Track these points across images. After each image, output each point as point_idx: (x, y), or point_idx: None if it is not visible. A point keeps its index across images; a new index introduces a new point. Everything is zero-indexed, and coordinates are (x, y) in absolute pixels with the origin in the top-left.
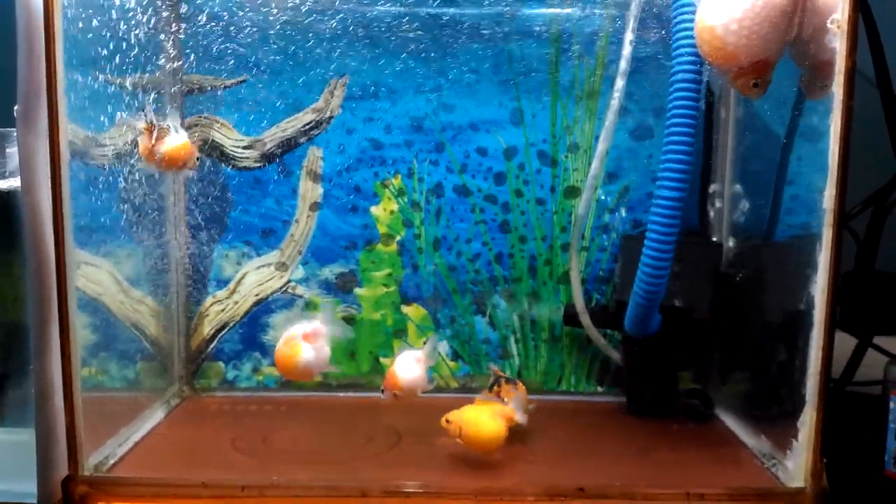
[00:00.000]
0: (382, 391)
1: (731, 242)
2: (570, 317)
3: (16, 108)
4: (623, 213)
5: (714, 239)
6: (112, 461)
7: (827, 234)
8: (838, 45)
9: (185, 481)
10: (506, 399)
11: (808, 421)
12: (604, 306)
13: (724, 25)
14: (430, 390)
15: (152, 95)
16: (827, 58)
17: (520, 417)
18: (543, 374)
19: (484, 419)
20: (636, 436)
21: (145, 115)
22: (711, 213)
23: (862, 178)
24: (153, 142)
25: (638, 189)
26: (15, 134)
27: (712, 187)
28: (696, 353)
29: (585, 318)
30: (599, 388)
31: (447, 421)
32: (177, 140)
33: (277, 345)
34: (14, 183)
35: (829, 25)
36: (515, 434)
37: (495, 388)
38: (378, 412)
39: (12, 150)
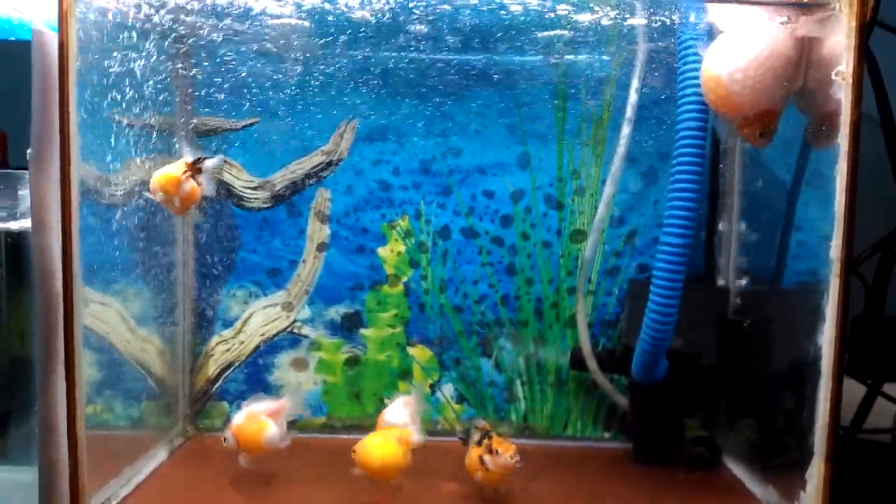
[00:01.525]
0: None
1: (737, 288)
2: (577, 361)
3: (28, 151)
4: (631, 257)
5: (721, 284)
6: (114, 502)
7: (834, 284)
8: (843, 96)
9: None
10: (500, 451)
11: (816, 473)
12: (610, 351)
13: (730, 75)
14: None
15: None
16: (832, 108)
17: (416, 437)
18: (549, 418)
19: (376, 444)
20: (642, 483)
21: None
22: (718, 259)
23: (870, 223)
24: (184, 177)
25: (645, 234)
26: (27, 176)
27: (721, 225)
28: (703, 400)
29: (592, 363)
30: (606, 434)
31: (353, 451)
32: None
33: (237, 419)
34: (25, 224)
35: (833, 77)
36: (519, 481)
37: (485, 441)
38: None
39: (24, 192)
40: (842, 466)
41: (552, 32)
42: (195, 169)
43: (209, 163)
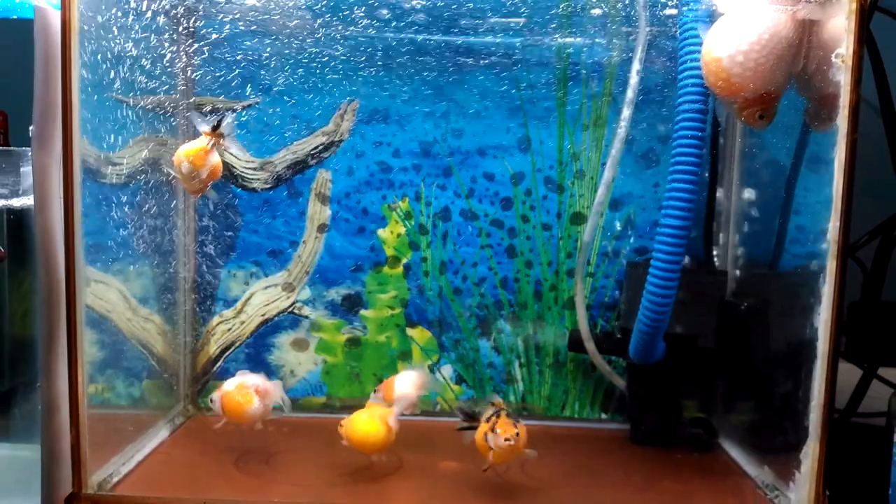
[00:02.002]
0: (375, 391)
1: (736, 271)
2: (575, 343)
3: (31, 128)
4: (629, 240)
5: (719, 267)
6: (115, 479)
7: (831, 266)
8: (843, 79)
9: (187, 501)
10: (500, 432)
11: (810, 453)
12: (609, 333)
13: (731, 57)
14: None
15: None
16: (832, 91)
17: (392, 422)
18: (547, 399)
19: (363, 420)
20: (639, 464)
21: (217, 123)
22: (716, 242)
23: (869, 208)
24: (210, 148)
25: (644, 216)
26: (30, 153)
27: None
28: (700, 381)
29: (590, 345)
30: (603, 415)
31: (340, 425)
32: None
33: (228, 385)
34: (28, 201)
35: (833, 59)
36: (517, 462)
37: (493, 418)
38: None
39: (27, 170)
40: (837, 449)
41: (554, 13)
42: (218, 135)
43: (226, 122)
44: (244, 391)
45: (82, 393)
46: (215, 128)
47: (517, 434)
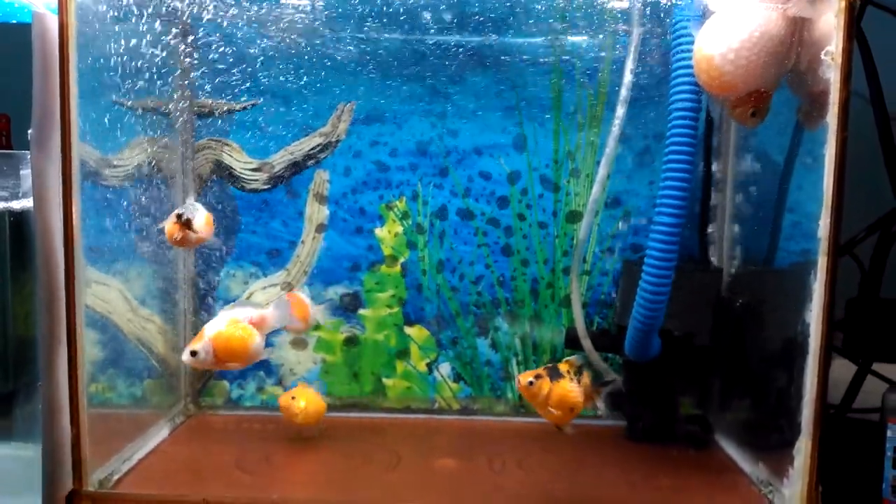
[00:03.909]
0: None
1: (731, 269)
2: (572, 340)
3: (30, 131)
4: (624, 238)
5: (714, 265)
6: (116, 477)
7: (822, 262)
8: (832, 76)
9: (187, 498)
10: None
11: (803, 449)
12: (605, 330)
13: (722, 55)
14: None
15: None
16: (822, 88)
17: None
18: None
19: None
20: (635, 461)
21: (179, 212)
22: (711, 239)
23: (867, 204)
24: (181, 232)
25: (639, 214)
26: (29, 156)
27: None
28: (695, 378)
29: (586, 342)
30: (600, 412)
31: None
32: (200, 221)
33: (215, 326)
34: (27, 203)
35: (823, 57)
36: (513, 458)
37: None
38: (379, 433)
39: (26, 172)
40: (831, 445)
41: (549, 13)
42: (185, 224)
43: (194, 216)
44: (238, 327)
45: (83, 392)
46: (179, 217)
47: (530, 382)
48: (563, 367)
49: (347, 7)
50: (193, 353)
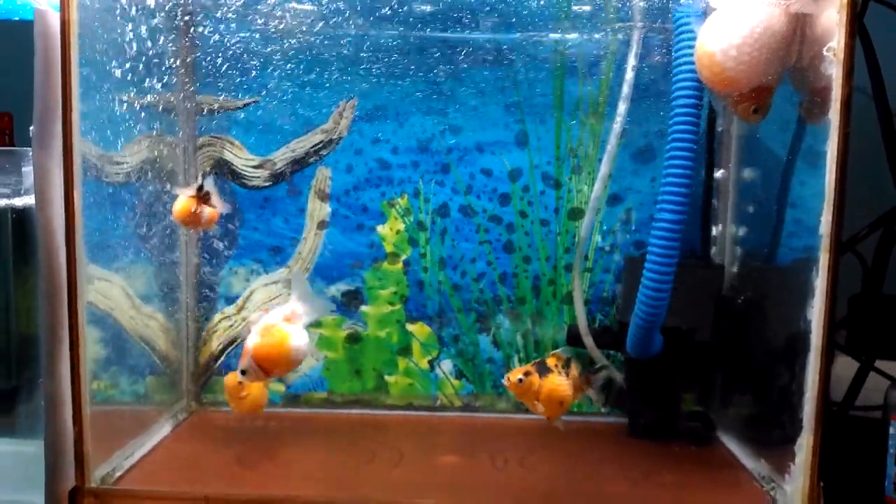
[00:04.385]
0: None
1: (733, 266)
2: (574, 337)
3: (31, 128)
4: (627, 234)
5: (716, 261)
6: (118, 473)
7: (823, 259)
8: (834, 72)
9: (189, 494)
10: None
11: (805, 445)
12: (607, 327)
13: (724, 51)
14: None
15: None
16: (824, 84)
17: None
18: None
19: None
20: (637, 458)
21: (200, 184)
22: (713, 236)
23: (870, 200)
24: (199, 206)
25: (642, 211)
26: (30, 153)
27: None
28: (697, 375)
29: (588, 339)
30: (603, 410)
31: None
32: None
33: (252, 340)
34: (29, 200)
35: (825, 53)
36: (515, 455)
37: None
38: (382, 430)
39: (28, 169)
40: (834, 442)
41: (551, 9)
42: (202, 197)
43: (206, 184)
44: (274, 333)
45: (85, 389)
46: (199, 190)
47: (520, 380)
48: (550, 361)
49: (349, 3)
50: (244, 373)
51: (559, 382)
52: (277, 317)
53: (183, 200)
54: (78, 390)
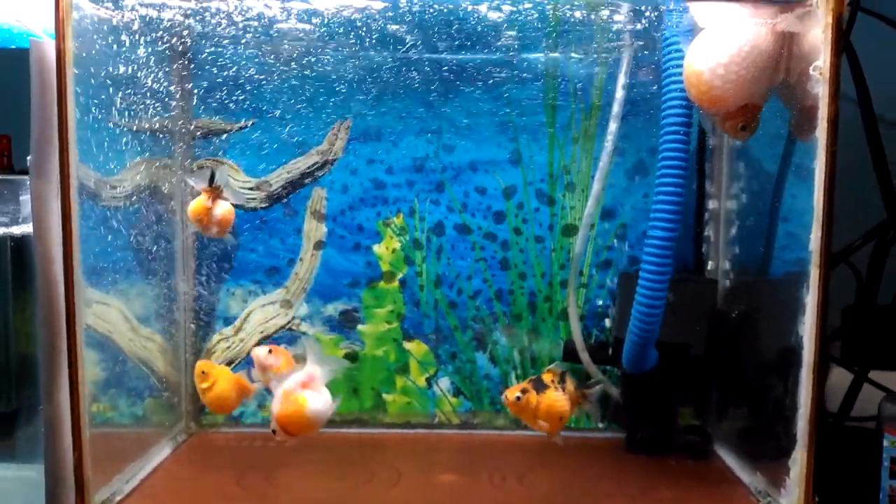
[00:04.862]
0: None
1: (726, 280)
2: (570, 353)
3: (29, 158)
4: (621, 250)
5: (709, 276)
6: (119, 497)
7: (814, 275)
8: (821, 91)
9: None
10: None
11: (799, 459)
12: (602, 343)
13: (711, 70)
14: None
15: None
16: (811, 103)
17: None
18: None
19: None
20: (634, 473)
21: (211, 173)
22: (706, 251)
23: (864, 212)
24: (211, 203)
25: (635, 227)
26: (28, 182)
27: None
28: (694, 389)
29: (584, 355)
30: (600, 425)
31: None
32: (226, 206)
33: (275, 406)
34: (27, 229)
35: (811, 72)
36: (513, 472)
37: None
38: (380, 448)
39: (26, 198)
40: (829, 453)
41: (542, 30)
42: (215, 189)
43: (218, 175)
44: (292, 397)
45: (84, 414)
46: (210, 182)
47: (518, 398)
48: (546, 377)
49: (343, 26)
50: (274, 432)
51: (557, 398)
52: (295, 382)
53: (198, 198)
54: (77, 415)
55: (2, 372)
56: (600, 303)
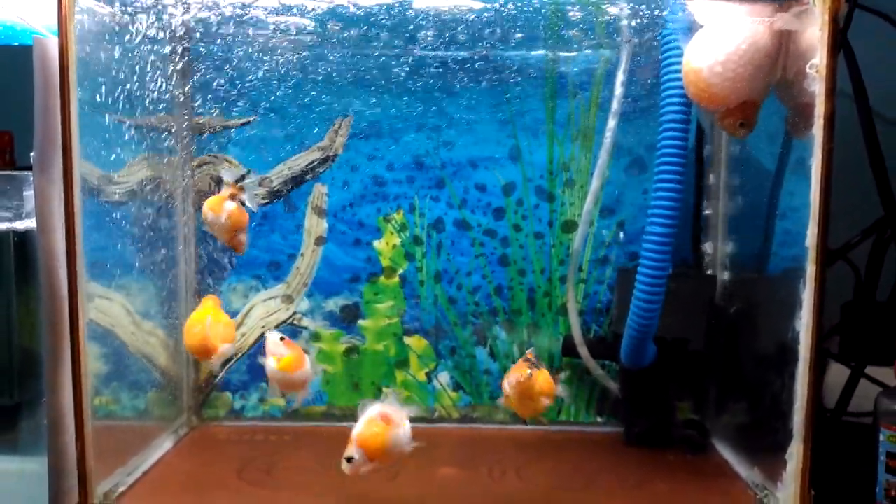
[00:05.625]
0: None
1: (724, 275)
2: (569, 348)
3: (32, 154)
4: (620, 246)
5: (708, 272)
6: (121, 489)
7: (810, 271)
8: (818, 89)
9: None
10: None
11: (795, 454)
12: (601, 338)
13: (710, 67)
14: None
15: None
16: (808, 100)
17: None
18: None
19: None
20: (632, 466)
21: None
22: (704, 246)
23: (862, 208)
24: (230, 197)
25: (634, 222)
26: (31, 178)
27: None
28: (692, 384)
29: (583, 350)
30: (598, 419)
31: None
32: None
33: (356, 430)
34: (31, 224)
35: (808, 70)
36: (512, 466)
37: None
38: None
39: (29, 193)
40: (826, 448)
41: (542, 26)
42: (238, 188)
43: (247, 180)
44: (374, 424)
45: (87, 407)
46: (241, 179)
47: (529, 374)
48: (531, 358)
49: (343, 23)
50: (349, 460)
51: (548, 375)
52: (377, 411)
53: (219, 194)
54: (80, 408)
55: (5, 366)
56: (599, 298)
